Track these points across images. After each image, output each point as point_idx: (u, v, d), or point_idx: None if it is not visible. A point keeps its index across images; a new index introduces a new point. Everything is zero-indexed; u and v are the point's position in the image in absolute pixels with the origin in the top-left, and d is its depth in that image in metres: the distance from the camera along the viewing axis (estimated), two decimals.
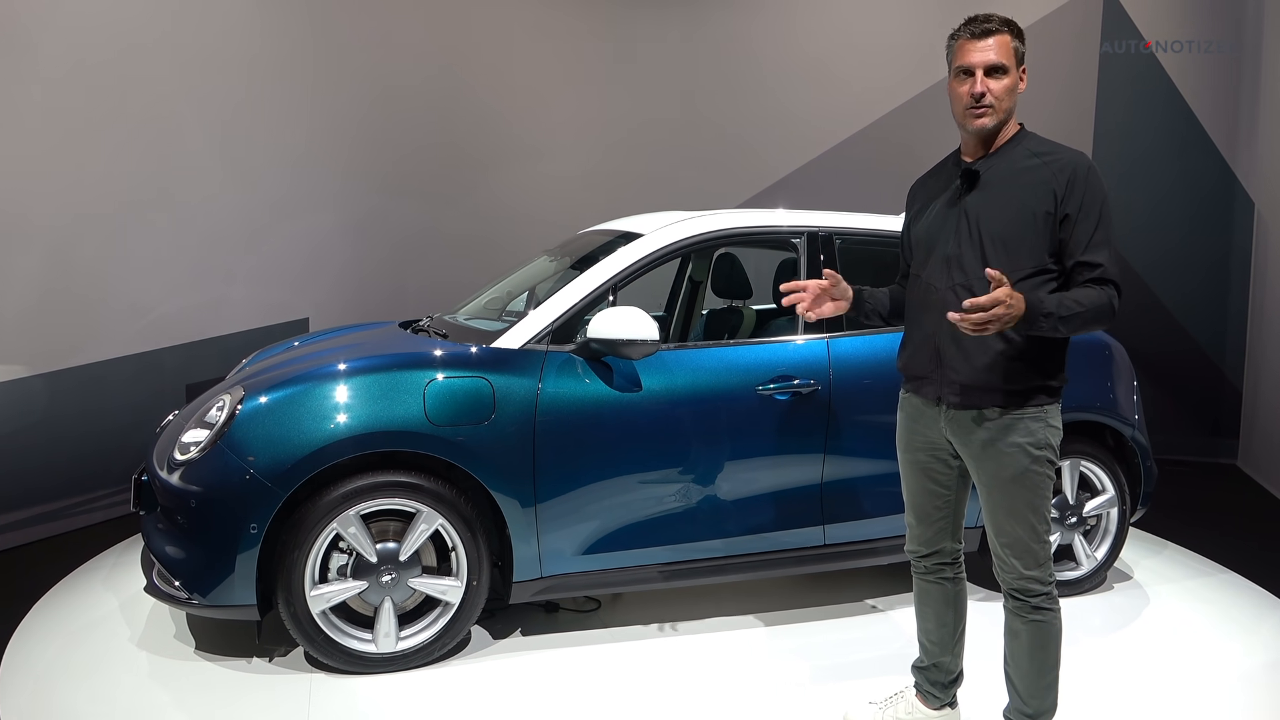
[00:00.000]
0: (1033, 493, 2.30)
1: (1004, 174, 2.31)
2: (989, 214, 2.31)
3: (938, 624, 2.62)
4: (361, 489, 2.92)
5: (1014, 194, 2.28)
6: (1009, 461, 2.30)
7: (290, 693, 2.89)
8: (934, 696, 2.67)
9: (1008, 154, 2.33)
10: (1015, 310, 2.10)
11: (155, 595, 3.02)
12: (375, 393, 2.97)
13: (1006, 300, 2.07)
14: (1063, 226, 2.24)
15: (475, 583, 3.06)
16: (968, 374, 2.31)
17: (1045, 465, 2.30)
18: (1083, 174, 2.24)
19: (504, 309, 3.73)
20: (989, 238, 2.29)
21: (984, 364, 2.29)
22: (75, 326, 4.57)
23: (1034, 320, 2.15)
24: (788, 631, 3.40)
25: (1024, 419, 2.29)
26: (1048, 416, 2.31)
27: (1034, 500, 2.31)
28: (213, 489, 2.89)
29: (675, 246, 3.43)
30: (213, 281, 5.19)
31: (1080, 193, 2.23)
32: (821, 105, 6.51)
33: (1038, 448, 2.29)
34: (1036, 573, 2.33)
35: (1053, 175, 2.25)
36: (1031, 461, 2.29)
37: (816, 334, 3.44)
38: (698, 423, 3.23)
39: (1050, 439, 2.31)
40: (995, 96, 2.27)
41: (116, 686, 2.94)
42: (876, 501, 3.47)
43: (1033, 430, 2.29)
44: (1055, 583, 2.37)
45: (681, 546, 3.27)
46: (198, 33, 4.99)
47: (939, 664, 2.65)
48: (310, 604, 2.92)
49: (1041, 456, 2.29)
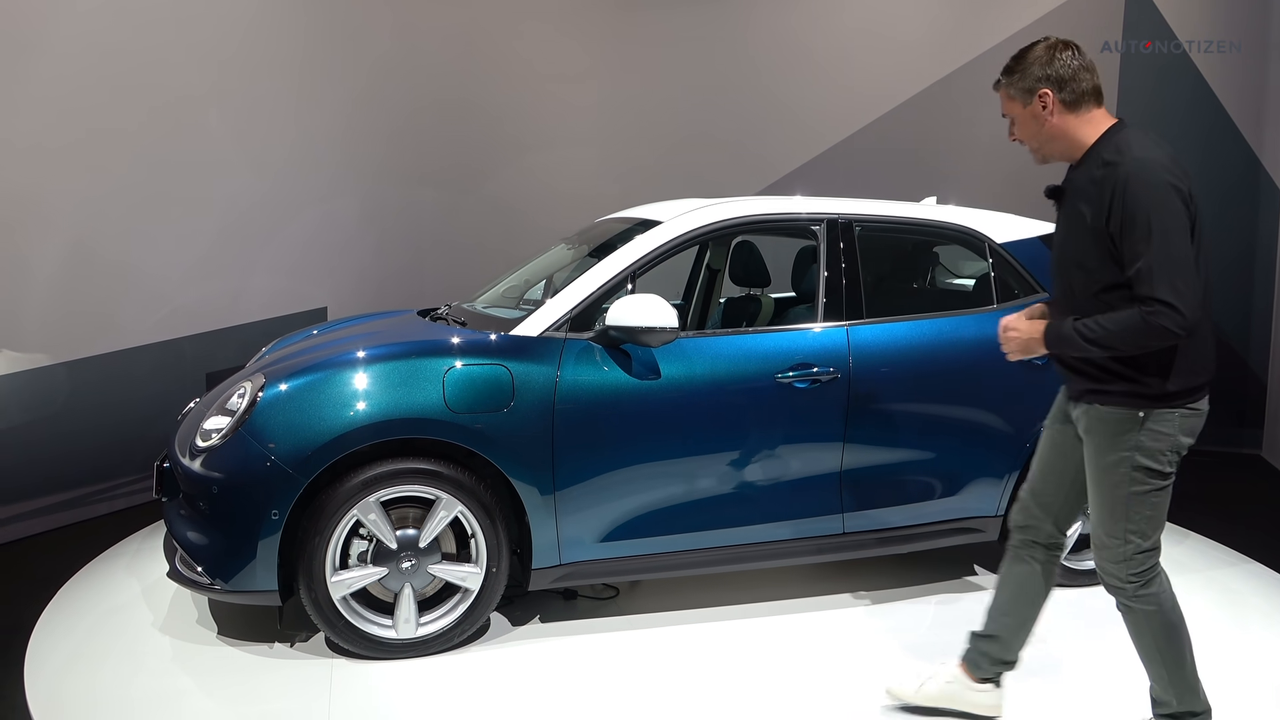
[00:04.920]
0: (1112, 490, 2.34)
1: (1078, 188, 2.35)
2: (1064, 230, 2.41)
3: (1010, 600, 2.64)
4: (381, 476, 2.93)
5: (1079, 209, 2.31)
6: (1095, 455, 2.37)
7: (311, 677, 2.92)
8: (979, 667, 2.69)
9: (1086, 165, 2.35)
10: (1022, 337, 2.39)
11: (178, 581, 3.05)
12: (395, 380, 2.98)
13: (1007, 330, 2.42)
14: (1114, 242, 2.24)
15: (494, 570, 3.07)
16: (1076, 370, 2.39)
17: (1126, 466, 2.31)
18: (1121, 185, 2.19)
19: (522, 297, 3.73)
20: (1069, 253, 2.37)
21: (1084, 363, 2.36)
22: (97, 316, 4.60)
23: (1060, 343, 2.32)
24: (806, 620, 3.39)
25: (1117, 418, 2.31)
26: (1144, 421, 2.28)
27: (1109, 497, 2.35)
28: (234, 475, 2.91)
29: (694, 234, 3.41)
30: (232, 271, 5.22)
31: (1120, 206, 2.20)
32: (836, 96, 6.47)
33: (1122, 449, 2.31)
34: (1109, 566, 2.39)
35: (1109, 187, 2.23)
36: (1114, 463, 2.32)
37: (836, 322, 3.42)
38: (717, 411, 3.22)
39: (1144, 442, 2.28)
40: (1022, 140, 2.44)
41: (139, 671, 2.97)
42: (896, 490, 3.45)
43: (1121, 432, 2.31)
44: (1142, 581, 2.37)
45: (700, 534, 3.26)
46: (218, 24, 5.00)
47: (998, 637, 2.67)
48: (331, 590, 2.93)
49: (1126, 459, 2.30)
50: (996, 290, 3.69)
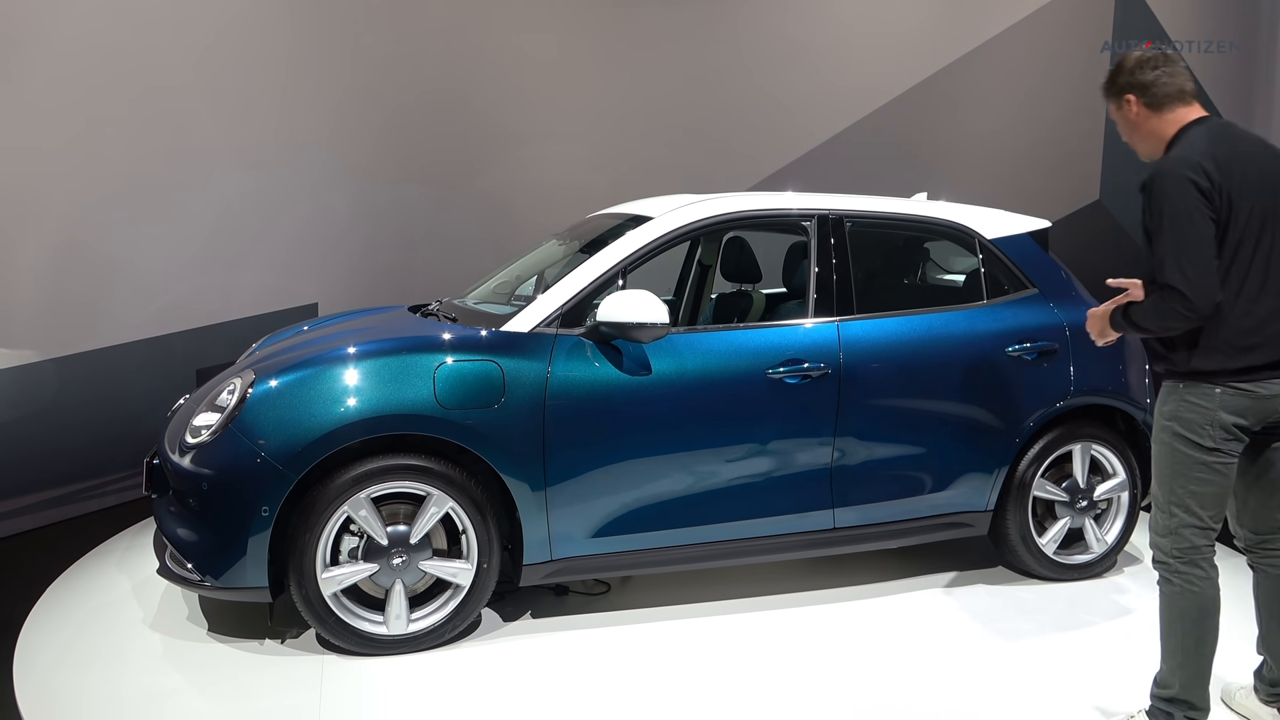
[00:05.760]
0: (1157, 459, 2.51)
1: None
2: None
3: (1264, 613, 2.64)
4: (372, 472, 2.93)
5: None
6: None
7: (302, 674, 2.91)
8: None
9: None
10: (1097, 321, 2.60)
11: (168, 578, 3.04)
12: (385, 376, 2.97)
13: (1089, 314, 2.63)
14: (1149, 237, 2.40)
15: (485, 565, 3.07)
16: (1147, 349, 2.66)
17: (1168, 435, 2.46)
18: (1149, 186, 2.38)
19: (513, 293, 3.73)
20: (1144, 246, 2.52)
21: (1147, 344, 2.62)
22: (86, 312, 4.58)
23: (1119, 326, 2.53)
24: (796, 615, 3.40)
25: (1164, 390, 2.51)
26: (1182, 392, 2.44)
27: (1156, 466, 2.51)
28: (224, 472, 2.90)
29: (685, 229, 3.41)
30: (222, 267, 5.20)
31: (1147, 204, 2.39)
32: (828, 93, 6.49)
33: (1164, 418, 2.48)
34: (1155, 538, 2.50)
35: (1145, 188, 2.40)
36: (1159, 430, 2.50)
37: (826, 317, 3.43)
38: (708, 406, 3.23)
39: (1180, 412, 2.43)
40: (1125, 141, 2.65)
41: (130, 668, 2.96)
42: (886, 486, 3.46)
43: (1165, 401, 2.49)
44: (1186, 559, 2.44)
45: (691, 530, 3.27)
46: (207, 18, 4.98)
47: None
48: (322, 586, 2.93)
49: (1167, 427, 2.46)
50: (986, 286, 3.70)
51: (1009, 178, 6.60)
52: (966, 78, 6.30)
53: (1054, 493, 3.65)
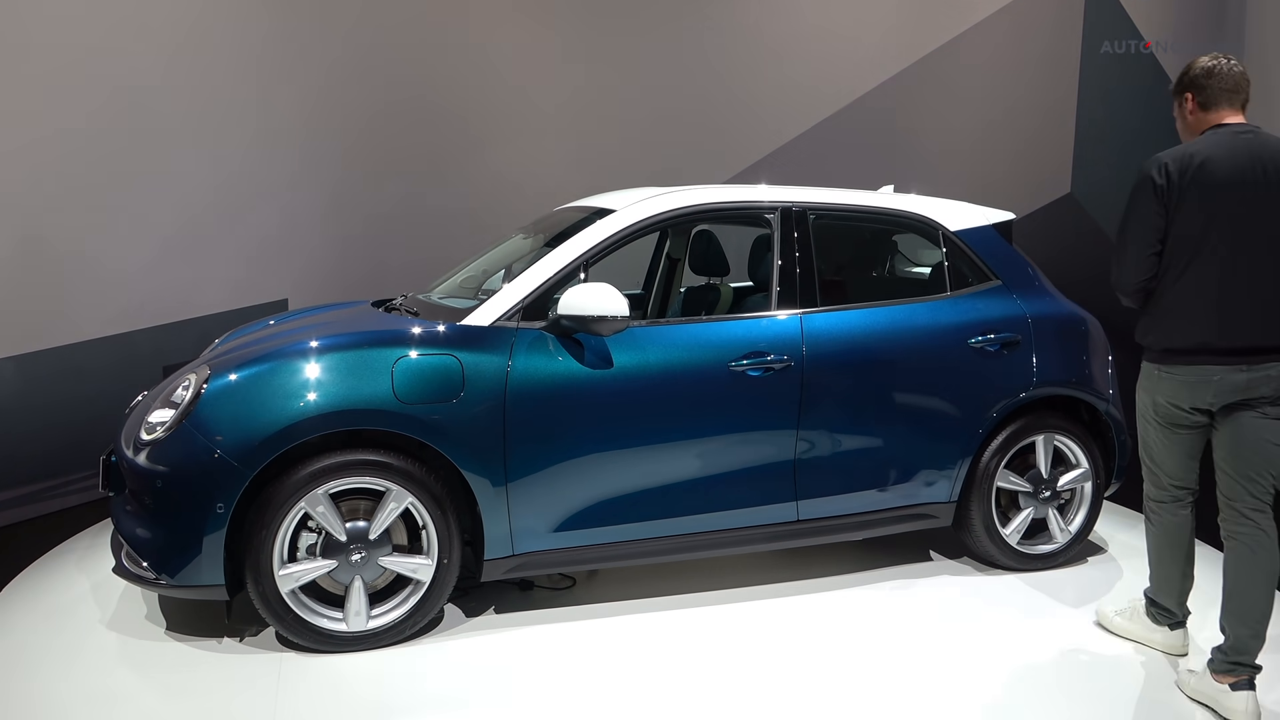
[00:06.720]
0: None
1: None
2: None
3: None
4: (330, 468, 2.90)
5: None
6: None
7: (261, 672, 2.89)
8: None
9: None
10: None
11: (124, 576, 3.01)
12: (343, 371, 2.94)
13: None
14: None
15: (446, 561, 3.05)
16: None
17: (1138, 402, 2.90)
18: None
19: (480, 287, 3.70)
20: None
21: None
22: (50, 308, 4.53)
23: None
24: (762, 607, 3.40)
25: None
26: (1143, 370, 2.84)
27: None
28: (179, 469, 2.87)
29: (647, 222, 3.40)
30: (189, 262, 5.14)
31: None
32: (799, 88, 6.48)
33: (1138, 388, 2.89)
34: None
35: None
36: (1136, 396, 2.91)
37: (790, 310, 3.42)
38: (670, 399, 3.22)
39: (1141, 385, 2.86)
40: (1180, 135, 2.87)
41: (88, 667, 2.93)
42: (850, 477, 3.47)
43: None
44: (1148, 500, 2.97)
45: (654, 523, 3.26)
46: (171, 11, 4.92)
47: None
48: (279, 583, 2.90)
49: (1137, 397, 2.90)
50: (950, 278, 3.71)
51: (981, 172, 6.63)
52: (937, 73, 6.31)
53: (1017, 483, 3.66)
